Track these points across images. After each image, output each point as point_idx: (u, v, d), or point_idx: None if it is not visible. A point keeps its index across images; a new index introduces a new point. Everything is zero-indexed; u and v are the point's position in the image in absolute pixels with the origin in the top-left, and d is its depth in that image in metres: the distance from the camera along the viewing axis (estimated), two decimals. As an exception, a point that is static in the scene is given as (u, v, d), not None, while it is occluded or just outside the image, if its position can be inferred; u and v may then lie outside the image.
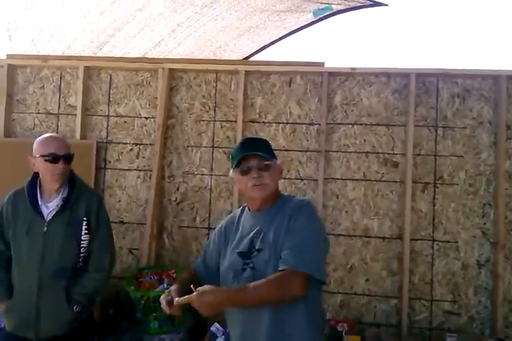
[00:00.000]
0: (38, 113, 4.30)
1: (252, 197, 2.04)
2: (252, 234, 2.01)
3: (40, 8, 4.21)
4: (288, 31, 4.80)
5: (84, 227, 2.61)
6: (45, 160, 2.51)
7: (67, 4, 4.17)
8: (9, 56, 4.37)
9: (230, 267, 2.01)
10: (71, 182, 2.65)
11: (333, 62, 4.06)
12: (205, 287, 1.78)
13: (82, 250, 2.60)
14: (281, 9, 4.38)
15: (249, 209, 2.13)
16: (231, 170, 2.09)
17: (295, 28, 4.74)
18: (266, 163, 2.00)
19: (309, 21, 4.64)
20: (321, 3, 4.27)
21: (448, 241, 3.83)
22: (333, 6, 4.33)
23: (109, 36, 4.55)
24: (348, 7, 4.34)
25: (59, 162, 2.52)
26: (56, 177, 2.55)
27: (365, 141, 4.01)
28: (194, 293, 1.76)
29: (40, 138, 2.60)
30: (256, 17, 4.49)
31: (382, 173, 3.96)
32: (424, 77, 3.97)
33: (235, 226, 2.14)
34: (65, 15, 4.31)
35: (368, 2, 4.18)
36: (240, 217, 2.18)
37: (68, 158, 2.57)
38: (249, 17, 4.48)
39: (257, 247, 1.95)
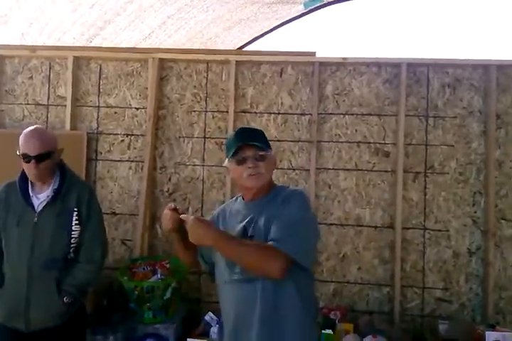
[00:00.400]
0: (27, 104, 4.24)
1: (247, 186, 2.04)
2: (244, 222, 2.02)
3: (30, 2, 4.16)
4: (279, 22, 4.79)
5: (74, 218, 2.59)
6: (21, 159, 2.50)
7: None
8: (-3, 46, 4.31)
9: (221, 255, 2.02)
10: (62, 173, 2.63)
11: (325, 52, 4.03)
12: (206, 220, 1.92)
13: (72, 241, 2.59)
14: (272, 1, 4.38)
15: (243, 199, 2.14)
16: (226, 160, 2.09)
17: (286, 19, 4.73)
18: (261, 153, 2.00)
19: (300, 13, 4.63)
20: (312, -6, 4.27)
21: (439, 230, 3.87)
22: (325, -4, 4.34)
23: (100, 28, 4.53)
24: (338, -1, 4.34)
25: (30, 162, 2.48)
26: (32, 176, 2.54)
27: (356, 131, 4.02)
28: (193, 217, 1.85)
29: (23, 133, 2.54)
30: (247, 9, 4.49)
31: (374, 163, 3.98)
32: (415, 67, 3.99)
33: (228, 216, 2.15)
34: (55, 9, 4.28)
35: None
36: (233, 206, 2.19)
37: (41, 158, 2.49)
38: (240, 9, 4.47)
39: (249, 234, 1.97)
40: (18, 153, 2.51)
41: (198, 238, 1.83)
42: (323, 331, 3.41)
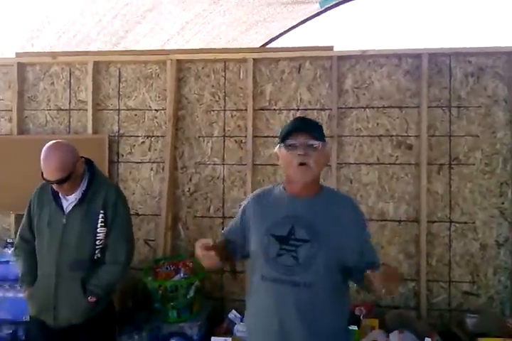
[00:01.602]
0: (50, 109, 4.33)
1: (294, 178, 1.95)
2: (292, 219, 1.93)
3: (61, 16, 4.28)
4: (295, 22, 4.77)
5: (100, 220, 2.63)
6: None
7: (85, 10, 4.23)
8: (18, 54, 4.41)
9: (261, 248, 1.95)
10: (91, 175, 2.68)
11: (343, 46, 3.99)
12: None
13: (97, 243, 2.63)
14: (288, 1, 4.37)
15: (285, 190, 2.04)
16: (277, 147, 2.00)
17: (302, 19, 4.70)
18: (314, 142, 1.90)
19: (316, 12, 4.60)
20: (328, -8, 4.23)
21: (465, 222, 3.78)
22: (340, -6, 4.29)
23: (121, 37, 4.63)
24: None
25: (53, 184, 2.55)
26: (60, 191, 2.60)
27: (377, 124, 3.96)
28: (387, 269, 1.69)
29: (43, 151, 2.55)
30: (263, 11, 4.50)
31: (397, 156, 3.92)
32: (436, 57, 3.90)
33: (266, 205, 2.05)
34: (82, 21, 4.37)
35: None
36: (272, 195, 2.08)
37: (62, 181, 2.53)
38: (256, 11, 4.49)
39: (301, 237, 1.89)
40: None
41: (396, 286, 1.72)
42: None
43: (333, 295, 1.89)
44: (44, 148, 2.56)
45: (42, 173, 2.54)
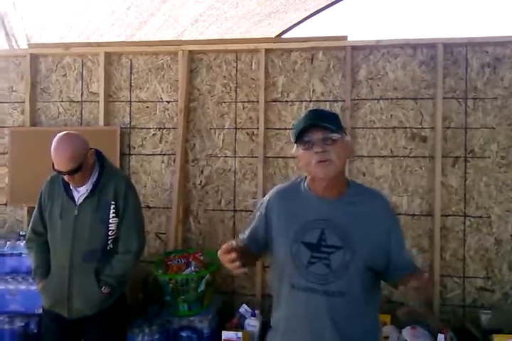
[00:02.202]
0: (62, 101, 4.33)
1: (316, 176, 1.81)
2: (321, 223, 1.82)
3: (70, 7, 4.27)
4: (309, 13, 4.70)
5: (112, 211, 2.67)
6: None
7: (95, 2, 4.21)
8: (31, 45, 4.41)
9: (290, 255, 1.84)
10: (101, 167, 2.70)
11: (357, 36, 3.94)
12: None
13: (110, 233, 2.67)
14: (302, -10, 4.31)
15: (309, 189, 1.91)
16: (294, 148, 1.87)
17: (316, 9, 4.63)
18: (332, 136, 1.75)
19: (329, 2, 4.52)
20: (341, -18, 4.16)
21: (480, 217, 3.71)
22: (354, -17, 4.21)
23: (136, 29, 4.64)
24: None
25: (64, 175, 2.57)
26: (71, 183, 2.62)
27: (391, 116, 3.89)
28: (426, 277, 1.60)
29: (53, 142, 2.57)
30: (276, 1, 4.45)
31: (411, 149, 3.85)
32: (451, 47, 3.81)
33: (291, 206, 1.92)
34: (94, 12, 4.36)
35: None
36: (297, 194, 1.94)
37: (73, 172, 2.55)
38: (269, 2, 4.46)
39: (332, 243, 1.79)
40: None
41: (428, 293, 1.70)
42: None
43: (366, 301, 1.82)
44: (54, 139, 2.58)
45: (53, 164, 2.55)
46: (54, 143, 2.56)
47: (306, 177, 1.96)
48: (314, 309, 1.80)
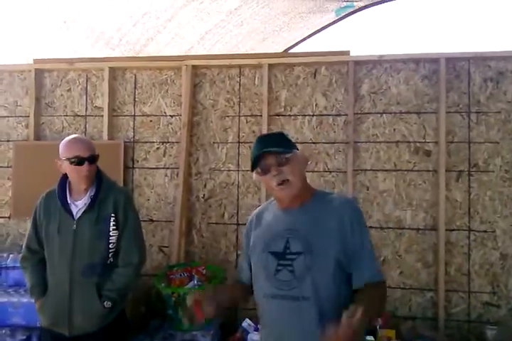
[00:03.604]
0: (66, 115, 4.36)
1: (281, 199, 1.96)
2: (286, 233, 1.90)
3: (76, 25, 4.32)
4: (311, 31, 4.76)
5: (112, 224, 2.63)
6: (71, 163, 2.55)
7: (102, 18, 4.27)
8: (36, 61, 4.45)
9: (261, 266, 1.94)
10: (98, 180, 2.67)
11: (360, 51, 3.95)
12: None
13: (111, 246, 2.63)
14: (304, 11, 4.40)
15: (277, 204, 2.04)
16: (253, 174, 1.99)
17: (318, 27, 4.70)
18: (284, 156, 1.89)
19: (332, 20, 4.58)
20: (343, 1, 4.20)
21: (485, 231, 3.70)
22: (355, 3, 4.27)
23: (143, 46, 4.66)
24: (370, 3, 4.25)
25: (84, 164, 2.55)
26: (82, 178, 2.58)
27: (394, 130, 3.90)
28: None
29: (64, 140, 2.63)
30: (279, 20, 4.54)
31: (414, 163, 3.85)
32: (454, 62, 3.83)
33: (264, 223, 2.05)
34: (100, 30, 4.42)
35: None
36: (269, 211, 2.08)
37: (93, 159, 2.59)
38: (272, 21, 4.52)
39: (295, 250, 1.86)
40: (62, 158, 2.57)
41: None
42: (363, 337, 3.30)
43: (336, 305, 1.80)
44: (65, 139, 2.64)
45: (68, 159, 2.54)
46: (66, 141, 2.61)
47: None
48: (284, 315, 1.85)
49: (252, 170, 1.97)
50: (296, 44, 5.00)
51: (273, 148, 1.89)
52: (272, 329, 1.91)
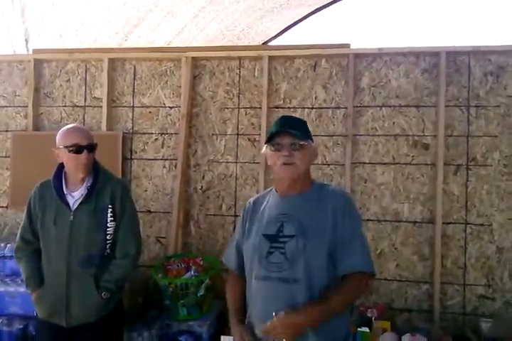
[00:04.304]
0: (65, 106, 4.36)
1: (280, 175, 2.00)
2: (281, 217, 1.96)
3: (66, 4, 4.26)
4: (312, 9, 4.65)
5: (109, 215, 2.62)
6: (69, 151, 2.53)
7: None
8: (35, 51, 4.44)
9: (253, 248, 1.98)
10: (95, 171, 2.66)
11: (360, 44, 3.94)
12: (285, 313, 1.77)
13: (108, 237, 2.62)
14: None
15: (276, 191, 2.08)
16: (264, 147, 2.05)
17: (319, 5, 4.59)
18: (299, 142, 1.94)
19: (332, -2, 4.49)
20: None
21: (482, 224, 3.70)
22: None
23: (134, 26, 4.55)
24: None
25: (82, 152, 2.54)
26: (80, 167, 2.57)
27: (394, 123, 3.90)
28: (274, 319, 1.77)
29: (62, 129, 2.63)
30: None
31: (413, 156, 3.85)
32: (454, 55, 3.82)
33: (262, 208, 2.09)
34: (89, 10, 4.34)
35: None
36: (267, 199, 2.12)
37: (91, 148, 2.59)
38: None
39: (288, 233, 1.91)
40: (60, 146, 2.56)
41: (297, 329, 1.77)
42: (359, 329, 3.30)
43: (326, 289, 1.85)
44: (64, 128, 2.64)
45: (67, 147, 2.53)
46: (64, 130, 2.61)
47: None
48: (273, 296, 1.89)
49: (267, 143, 2.01)
50: (295, 23, 4.87)
51: (294, 130, 1.93)
52: (261, 311, 1.92)
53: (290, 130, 1.93)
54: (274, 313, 1.76)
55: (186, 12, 4.39)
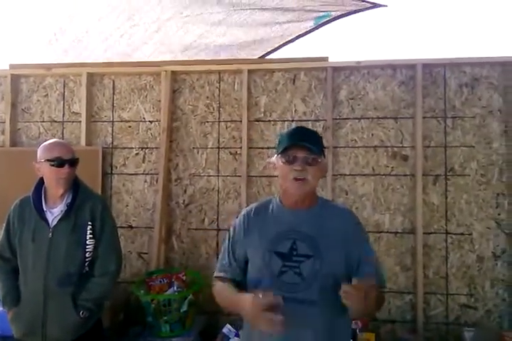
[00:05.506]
0: (43, 121, 4.31)
1: (290, 191, 1.91)
2: (293, 234, 1.90)
3: (68, 33, 4.29)
4: (290, 38, 4.82)
5: (89, 232, 2.59)
6: (51, 165, 2.51)
7: (90, 29, 4.25)
8: (12, 66, 4.39)
9: (264, 265, 1.89)
10: (75, 187, 2.63)
11: (338, 57, 3.98)
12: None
13: (87, 255, 2.59)
14: (284, 21, 4.42)
15: (281, 202, 2.01)
16: (274, 156, 1.97)
17: (296, 34, 4.76)
18: (313, 157, 1.86)
19: (309, 28, 4.64)
20: (320, 11, 4.26)
21: (462, 234, 3.75)
22: (332, 12, 4.33)
23: (128, 56, 4.63)
24: (347, 12, 4.31)
25: (64, 166, 2.52)
26: (61, 181, 2.54)
27: (372, 135, 3.94)
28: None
29: (44, 143, 2.61)
30: (260, 30, 4.56)
31: (392, 167, 3.89)
32: (430, 68, 3.89)
33: (267, 220, 1.99)
34: (88, 39, 4.39)
35: (366, 5, 4.13)
36: (270, 210, 2.03)
37: (73, 163, 2.57)
38: (253, 31, 4.54)
39: (303, 252, 1.86)
40: (41, 160, 2.53)
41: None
42: (344, 341, 3.31)
43: (340, 312, 1.75)
44: (45, 142, 2.62)
45: (49, 160, 2.51)
46: (46, 144, 2.60)
47: (278, 194, 2.06)
48: (288, 318, 1.72)
49: (278, 153, 1.93)
50: (275, 49, 5.03)
51: (310, 144, 1.85)
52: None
53: (306, 144, 1.84)
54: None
55: (178, 44, 4.60)
